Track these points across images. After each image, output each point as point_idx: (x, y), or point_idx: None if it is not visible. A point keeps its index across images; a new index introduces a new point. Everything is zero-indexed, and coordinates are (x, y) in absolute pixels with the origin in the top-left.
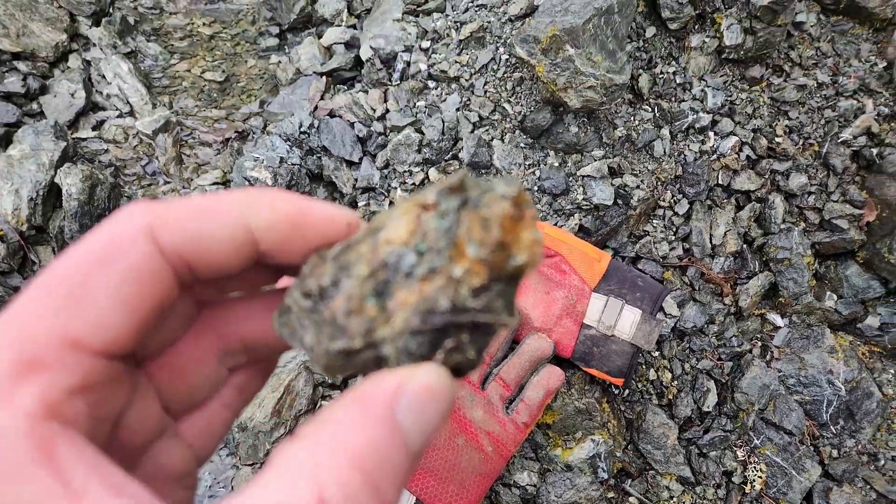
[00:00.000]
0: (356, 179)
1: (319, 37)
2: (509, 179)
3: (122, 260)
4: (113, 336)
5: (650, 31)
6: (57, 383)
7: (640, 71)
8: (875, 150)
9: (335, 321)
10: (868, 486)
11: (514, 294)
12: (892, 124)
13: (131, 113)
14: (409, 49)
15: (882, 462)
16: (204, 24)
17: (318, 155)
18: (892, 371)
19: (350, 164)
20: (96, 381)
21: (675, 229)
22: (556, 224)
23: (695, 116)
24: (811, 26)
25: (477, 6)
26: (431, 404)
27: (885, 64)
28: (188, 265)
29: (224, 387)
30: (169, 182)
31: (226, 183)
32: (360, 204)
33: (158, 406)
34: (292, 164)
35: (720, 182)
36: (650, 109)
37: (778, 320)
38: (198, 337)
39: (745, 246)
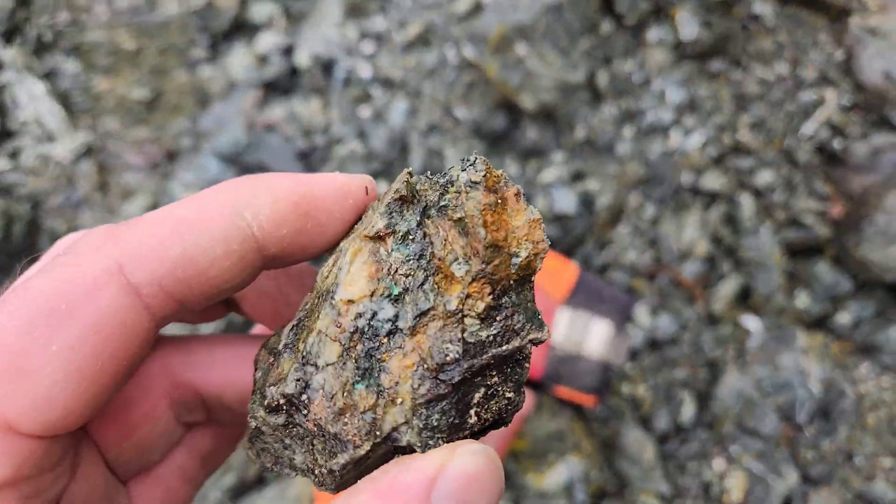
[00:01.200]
0: None
1: (252, 44)
2: (466, 160)
3: (82, 314)
4: (61, 414)
5: (606, 27)
6: None
7: (598, 69)
8: (838, 143)
9: (325, 431)
10: (845, 487)
11: (531, 299)
12: (852, 115)
13: (50, 139)
14: (350, 53)
15: (857, 461)
16: (128, 37)
17: (256, 172)
18: (864, 367)
19: None
20: (33, 469)
21: (641, 234)
22: None
23: (655, 114)
24: (768, 17)
25: (421, 6)
26: (479, 494)
27: (841, 52)
28: (176, 299)
29: (180, 448)
30: (93, 211)
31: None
32: None
33: (103, 469)
34: None
35: (686, 182)
36: (610, 109)
37: (751, 323)
38: (147, 382)
39: (714, 248)
